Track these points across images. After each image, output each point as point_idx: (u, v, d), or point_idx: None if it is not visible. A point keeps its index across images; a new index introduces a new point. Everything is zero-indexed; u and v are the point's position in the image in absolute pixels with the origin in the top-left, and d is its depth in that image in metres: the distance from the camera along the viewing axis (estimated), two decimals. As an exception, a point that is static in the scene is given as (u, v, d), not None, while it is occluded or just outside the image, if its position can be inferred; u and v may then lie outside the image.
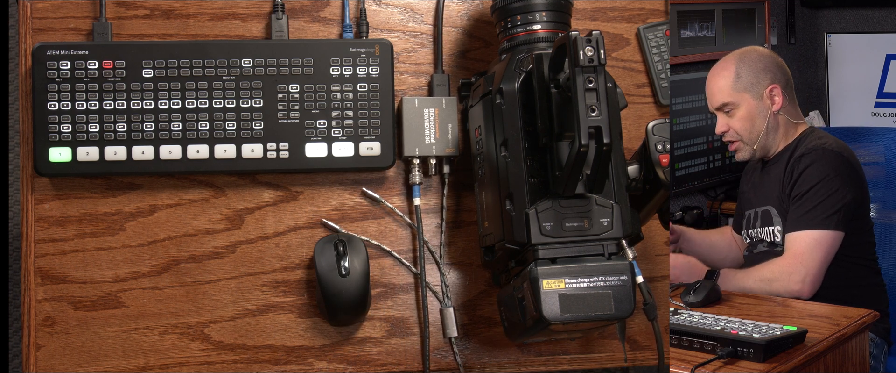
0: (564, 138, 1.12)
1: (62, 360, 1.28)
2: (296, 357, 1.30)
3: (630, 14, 1.38)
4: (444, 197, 1.32)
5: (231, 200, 1.31)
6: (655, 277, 1.36)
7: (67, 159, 1.25)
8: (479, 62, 1.35)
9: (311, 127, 1.27)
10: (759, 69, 1.53)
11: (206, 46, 1.26)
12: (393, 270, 1.32)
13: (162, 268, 1.29)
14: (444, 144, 1.30)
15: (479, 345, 1.32)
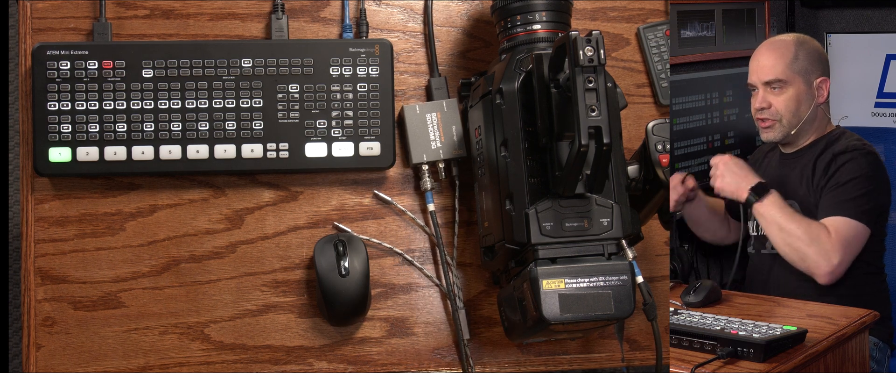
0: (564, 138, 1.12)
1: (62, 360, 1.28)
2: (296, 357, 1.30)
3: (630, 14, 1.38)
4: (456, 199, 1.32)
5: (231, 200, 1.30)
6: (655, 277, 1.36)
7: (67, 159, 1.25)
8: (479, 62, 1.34)
9: (311, 127, 1.27)
10: (816, 59, 1.53)
11: (206, 46, 1.26)
12: (393, 271, 1.32)
13: (162, 268, 1.29)
14: (451, 146, 1.30)
15: (479, 345, 1.32)
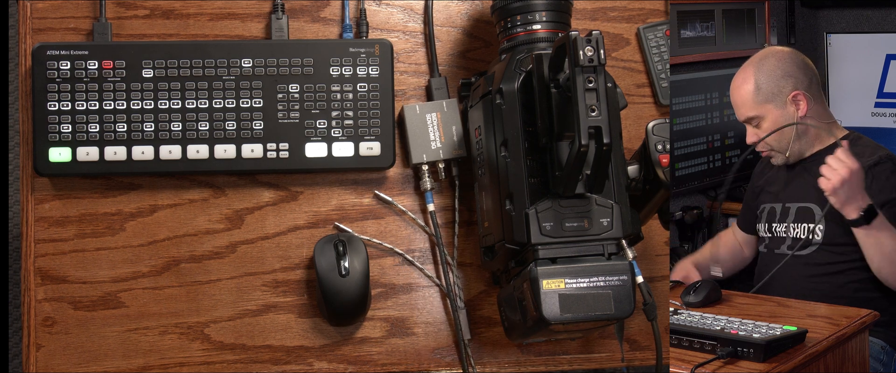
0: (564, 138, 1.12)
1: (62, 360, 1.28)
2: (296, 357, 1.30)
3: (630, 14, 1.38)
4: (456, 199, 1.32)
5: (231, 200, 1.30)
6: (655, 277, 1.36)
7: (67, 159, 1.25)
8: (479, 62, 1.34)
9: (311, 127, 1.27)
10: (779, 76, 1.49)
11: (206, 46, 1.26)
12: (393, 271, 1.32)
13: (162, 268, 1.29)
14: (451, 146, 1.30)
15: (479, 345, 1.32)
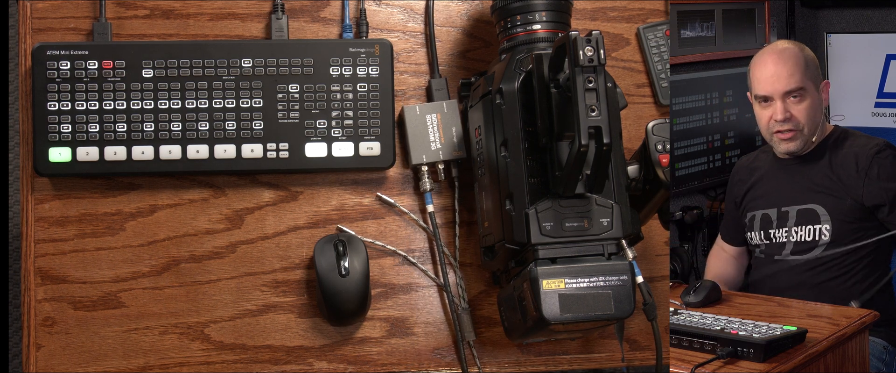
0: (564, 138, 1.12)
1: (62, 360, 1.28)
2: (296, 357, 1.30)
3: (630, 14, 1.38)
4: (456, 200, 1.32)
5: (231, 200, 1.30)
6: (655, 277, 1.36)
7: (67, 159, 1.25)
8: (479, 62, 1.34)
9: (310, 127, 1.27)
10: (815, 65, 1.50)
11: (206, 46, 1.26)
12: (393, 271, 1.32)
13: (162, 268, 1.29)
14: (450, 147, 1.30)
15: (479, 345, 1.32)
